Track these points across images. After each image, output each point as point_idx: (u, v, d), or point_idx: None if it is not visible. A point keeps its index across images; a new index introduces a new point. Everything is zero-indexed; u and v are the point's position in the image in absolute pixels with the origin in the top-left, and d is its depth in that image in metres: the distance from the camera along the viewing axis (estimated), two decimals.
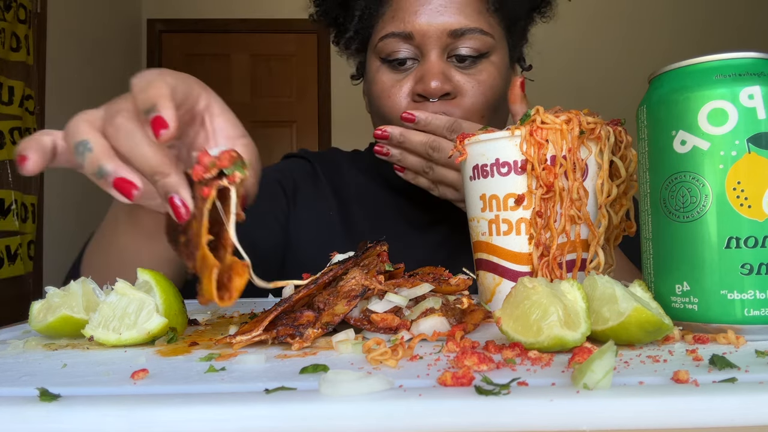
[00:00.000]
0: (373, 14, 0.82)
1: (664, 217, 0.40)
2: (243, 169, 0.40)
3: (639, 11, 3.86)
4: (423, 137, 0.72)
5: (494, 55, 0.79)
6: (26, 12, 2.67)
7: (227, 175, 0.39)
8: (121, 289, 0.43)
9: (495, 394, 0.26)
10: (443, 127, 0.71)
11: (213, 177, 0.40)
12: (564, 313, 0.34)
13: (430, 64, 0.76)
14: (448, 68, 0.77)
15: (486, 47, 0.78)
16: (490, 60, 0.79)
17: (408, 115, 0.72)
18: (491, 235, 0.51)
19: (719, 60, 0.38)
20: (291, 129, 3.96)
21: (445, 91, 0.76)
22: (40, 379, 0.32)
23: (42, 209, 2.79)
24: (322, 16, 0.90)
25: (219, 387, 0.30)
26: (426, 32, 0.76)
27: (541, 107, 0.49)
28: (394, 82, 0.79)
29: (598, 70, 3.80)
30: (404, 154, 0.75)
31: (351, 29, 0.85)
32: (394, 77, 0.79)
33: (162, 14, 3.91)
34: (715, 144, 0.37)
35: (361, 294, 0.41)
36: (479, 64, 0.78)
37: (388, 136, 0.73)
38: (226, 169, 0.39)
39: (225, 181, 0.39)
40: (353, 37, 0.86)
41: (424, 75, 0.76)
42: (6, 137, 2.50)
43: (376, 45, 0.80)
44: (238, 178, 0.39)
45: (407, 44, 0.78)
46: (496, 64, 0.80)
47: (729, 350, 0.34)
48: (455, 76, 0.77)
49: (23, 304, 0.56)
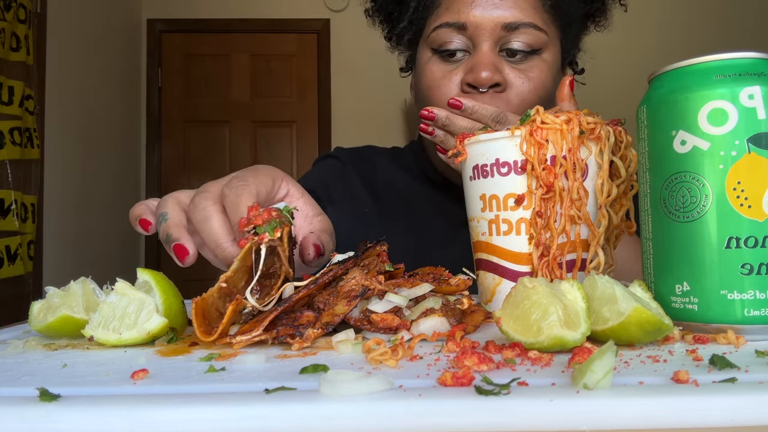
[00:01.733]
0: (428, 6, 0.83)
1: (664, 217, 0.40)
2: (273, 231, 0.44)
3: (639, 11, 3.86)
4: (467, 123, 0.71)
5: (546, 53, 0.79)
6: (26, 12, 2.67)
7: (259, 233, 0.44)
8: (121, 289, 0.43)
9: (495, 394, 0.26)
10: (489, 116, 0.71)
11: (249, 231, 0.44)
12: (564, 313, 0.34)
13: (482, 55, 0.76)
14: (500, 61, 0.77)
15: (539, 43, 0.77)
16: (542, 57, 0.79)
17: (455, 101, 0.71)
18: (491, 235, 0.51)
19: (719, 60, 0.38)
20: (291, 129, 3.95)
21: (495, 81, 0.75)
22: (40, 379, 0.32)
23: (42, 209, 2.79)
24: (378, 11, 0.90)
25: (219, 387, 0.30)
26: (480, 24, 0.76)
27: (541, 107, 0.49)
28: (445, 73, 0.79)
29: (598, 70, 3.80)
30: (447, 136, 0.74)
31: (405, 20, 0.85)
32: (444, 68, 0.79)
33: (162, 14, 3.91)
34: (715, 144, 0.37)
35: (361, 294, 0.41)
36: (531, 60, 0.78)
37: (435, 116, 0.72)
38: (258, 228, 0.44)
39: (257, 238, 0.44)
40: (407, 27, 0.86)
41: (475, 65, 0.76)
42: (6, 137, 2.50)
43: (429, 36, 0.81)
44: (266, 238, 0.44)
45: (460, 35, 0.78)
46: (547, 62, 0.79)
47: (729, 350, 0.34)
48: (505, 69, 0.77)
49: (23, 304, 0.57)
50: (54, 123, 2.89)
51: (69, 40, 3.06)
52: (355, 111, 3.85)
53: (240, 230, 0.45)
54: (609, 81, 3.75)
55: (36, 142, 2.71)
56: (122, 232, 3.52)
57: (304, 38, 3.90)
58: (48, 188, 2.84)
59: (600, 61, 4.14)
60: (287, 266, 0.45)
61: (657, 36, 3.80)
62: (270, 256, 0.45)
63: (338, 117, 3.90)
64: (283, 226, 0.45)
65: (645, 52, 3.74)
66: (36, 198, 2.72)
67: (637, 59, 3.71)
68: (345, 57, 3.82)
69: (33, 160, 2.69)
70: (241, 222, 0.45)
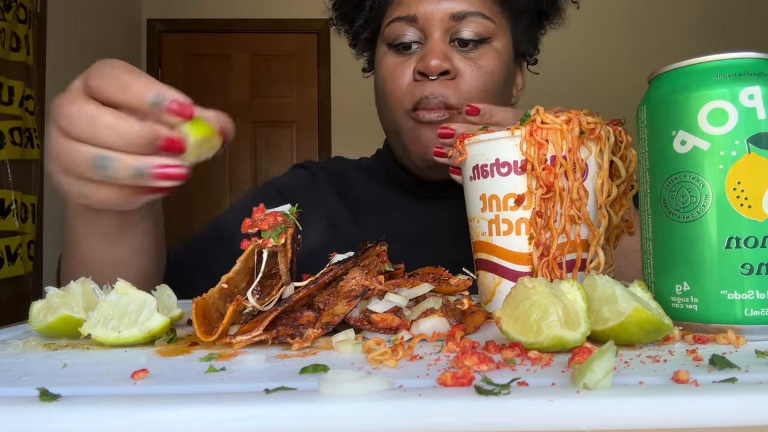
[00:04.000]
0: (382, 4, 0.86)
1: (664, 217, 0.40)
2: (278, 237, 0.44)
3: (639, 11, 3.86)
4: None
5: (496, 41, 0.82)
6: (26, 12, 2.67)
7: (263, 238, 0.44)
8: (122, 288, 0.43)
9: (495, 394, 0.26)
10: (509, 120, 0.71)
11: (253, 234, 0.44)
12: (564, 313, 0.34)
13: (432, 44, 0.80)
14: (450, 50, 0.80)
15: (487, 32, 0.80)
16: (492, 46, 0.82)
17: (471, 108, 0.70)
18: (491, 235, 0.51)
19: (719, 60, 0.38)
20: (291, 129, 3.95)
21: (444, 68, 0.78)
22: (40, 379, 0.32)
23: (42, 209, 2.79)
24: (341, 19, 0.94)
25: (219, 387, 0.30)
26: (429, 15, 0.80)
27: (541, 107, 0.49)
28: (398, 64, 0.83)
29: (598, 70, 3.80)
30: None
31: (362, 19, 0.88)
32: (399, 60, 0.83)
33: (162, 14, 3.90)
34: (715, 144, 0.37)
35: (361, 294, 0.41)
36: (481, 49, 0.81)
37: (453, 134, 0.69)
38: (263, 232, 0.44)
39: (260, 242, 0.44)
40: (363, 26, 0.89)
41: (425, 54, 0.79)
42: (6, 137, 2.50)
43: (384, 31, 0.84)
44: (270, 244, 0.44)
45: (412, 28, 0.81)
46: (497, 51, 0.82)
47: (729, 350, 0.34)
48: (455, 57, 0.80)
49: (23, 304, 0.57)
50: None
51: (69, 40, 3.06)
52: (355, 111, 3.85)
53: (243, 231, 0.45)
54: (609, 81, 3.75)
55: (36, 142, 2.71)
56: None
57: (304, 38, 3.90)
58: (48, 188, 2.83)
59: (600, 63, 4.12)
60: (286, 276, 0.45)
61: (657, 36, 3.80)
62: (272, 258, 0.45)
63: (338, 117, 3.89)
64: (287, 230, 0.45)
65: (645, 52, 3.74)
66: (36, 198, 2.72)
67: (637, 59, 3.70)
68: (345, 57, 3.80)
69: (33, 160, 2.69)
70: (245, 223, 0.45)
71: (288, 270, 0.46)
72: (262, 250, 0.44)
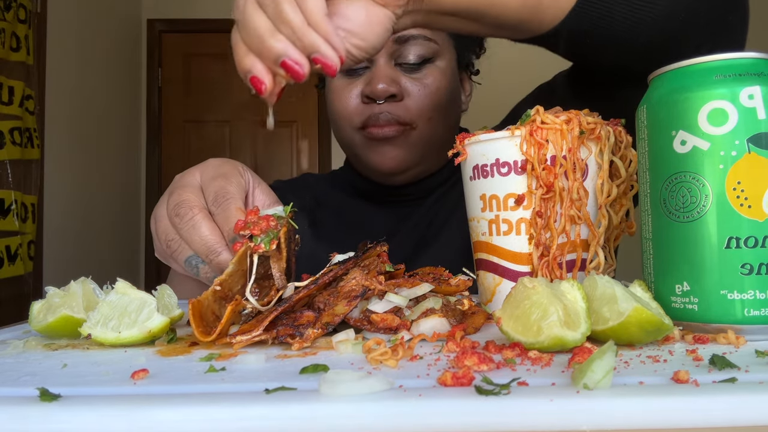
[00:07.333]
0: None
1: (664, 217, 0.40)
2: (269, 243, 0.44)
3: None
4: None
5: (440, 60, 0.85)
6: (26, 12, 2.67)
7: (254, 243, 0.44)
8: (122, 288, 0.43)
9: (495, 394, 0.26)
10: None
11: (245, 236, 0.44)
12: (564, 313, 0.34)
13: (378, 68, 0.82)
14: (396, 73, 0.83)
15: (430, 52, 0.83)
16: (436, 64, 0.84)
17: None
18: (491, 235, 0.51)
19: (719, 60, 0.38)
20: (291, 129, 3.95)
21: (391, 92, 0.81)
22: (40, 379, 0.32)
23: (42, 209, 2.79)
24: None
25: (219, 387, 0.30)
26: None
27: (541, 107, 0.49)
28: (346, 85, 0.85)
29: None
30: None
31: None
32: (346, 81, 0.85)
33: (162, 14, 3.91)
34: (715, 144, 0.37)
35: (361, 294, 0.41)
36: (425, 69, 0.84)
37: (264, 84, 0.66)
38: (255, 238, 0.44)
39: (251, 245, 0.44)
40: None
41: (372, 78, 0.82)
42: (6, 137, 2.50)
43: None
44: (261, 249, 0.43)
45: None
46: (441, 68, 0.85)
47: (729, 350, 0.34)
48: (402, 79, 0.83)
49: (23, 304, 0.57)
50: (54, 123, 2.89)
51: (69, 40, 3.06)
52: None
53: (235, 232, 0.46)
54: None
55: (36, 142, 2.71)
56: (122, 232, 3.52)
57: None
58: (48, 188, 2.84)
59: None
60: (280, 281, 0.45)
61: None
62: (266, 261, 0.45)
63: None
64: (279, 235, 0.45)
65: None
66: (36, 198, 2.72)
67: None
68: None
69: (33, 160, 2.69)
70: (237, 225, 0.45)
71: (282, 275, 0.45)
72: (254, 254, 0.44)
